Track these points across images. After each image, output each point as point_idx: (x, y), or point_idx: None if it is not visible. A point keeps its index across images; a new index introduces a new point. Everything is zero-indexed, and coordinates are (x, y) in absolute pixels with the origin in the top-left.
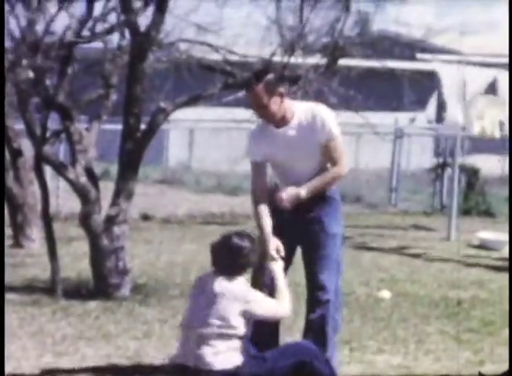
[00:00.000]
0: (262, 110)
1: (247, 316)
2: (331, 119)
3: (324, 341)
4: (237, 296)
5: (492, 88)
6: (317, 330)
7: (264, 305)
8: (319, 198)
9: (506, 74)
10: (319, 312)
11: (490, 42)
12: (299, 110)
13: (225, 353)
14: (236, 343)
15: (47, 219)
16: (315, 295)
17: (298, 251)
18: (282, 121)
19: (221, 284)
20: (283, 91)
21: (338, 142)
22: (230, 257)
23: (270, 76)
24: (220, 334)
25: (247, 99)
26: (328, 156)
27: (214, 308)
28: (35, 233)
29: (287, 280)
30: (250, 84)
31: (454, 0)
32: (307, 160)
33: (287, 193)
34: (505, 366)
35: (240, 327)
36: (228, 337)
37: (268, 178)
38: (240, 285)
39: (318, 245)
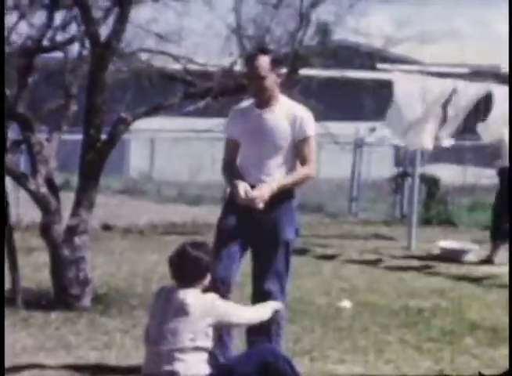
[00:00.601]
0: (258, 81)
1: (220, 326)
2: (309, 120)
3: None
4: (208, 311)
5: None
6: (260, 331)
7: (237, 314)
8: (278, 200)
9: (463, 85)
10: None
11: (450, 51)
12: (283, 102)
13: (196, 365)
14: (205, 355)
15: (7, 230)
16: (259, 299)
17: None
18: (266, 102)
19: (187, 298)
20: (281, 74)
21: (311, 144)
22: (189, 268)
23: (274, 54)
24: (192, 347)
25: (207, 109)
26: (300, 155)
27: (184, 322)
28: None
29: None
30: (255, 54)
31: (414, 10)
32: (273, 151)
33: (261, 193)
34: None
35: (210, 339)
36: (199, 349)
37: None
38: (208, 298)
39: (269, 249)
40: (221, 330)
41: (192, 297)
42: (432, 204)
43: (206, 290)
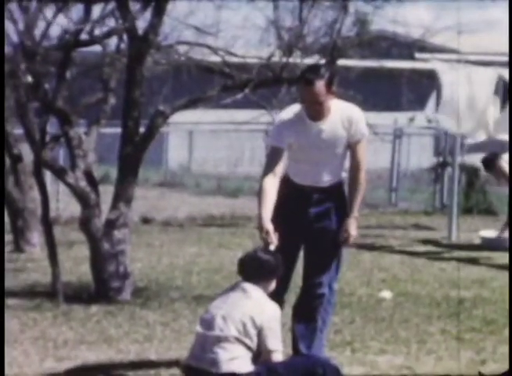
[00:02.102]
0: (317, 106)
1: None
2: (363, 121)
3: (313, 332)
4: (261, 313)
5: (497, 88)
6: (307, 319)
7: (277, 340)
8: (330, 194)
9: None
10: (312, 304)
11: (488, 41)
12: (334, 107)
13: (239, 360)
14: (249, 353)
15: (47, 224)
16: (310, 289)
17: None
18: (322, 116)
19: (251, 290)
20: (334, 90)
21: (364, 144)
22: (259, 270)
23: (328, 72)
24: (237, 338)
25: (245, 101)
26: (355, 157)
27: (237, 309)
28: (36, 238)
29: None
30: (311, 80)
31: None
32: (331, 158)
33: (353, 228)
34: (507, 365)
35: (254, 343)
36: (244, 344)
37: (282, 167)
38: (269, 304)
39: (321, 241)
40: None
41: (256, 292)
42: (472, 193)
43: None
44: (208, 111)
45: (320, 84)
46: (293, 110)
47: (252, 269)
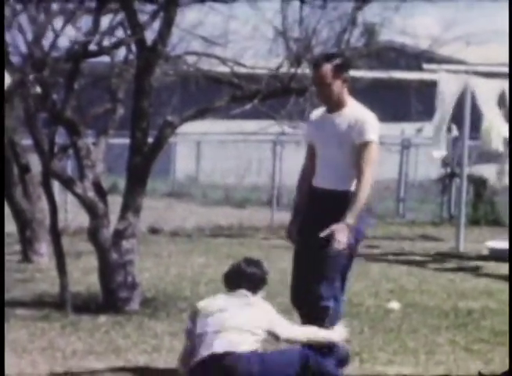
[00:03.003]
0: (323, 88)
1: (271, 335)
2: (370, 124)
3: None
4: (261, 312)
5: (501, 100)
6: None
7: (284, 325)
8: (340, 201)
9: None
10: (317, 316)
11: (494, 52)
12: (351, 105)
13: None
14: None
15: (56, 234)
16: (314, 302)
17: None
18: (335, 107)
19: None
20: (347, 78)
21: (370, 150)
22: (245, 283)
23: (339, 60)
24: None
25: (253, 112)
26: (357, 162)
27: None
28: (44, 248)
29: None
30: (319, 62)
31: (459, 11)
32: (342, 154)
33: (342, 235)
34: None
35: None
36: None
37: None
38: (262, 303)
39: (320, 251)
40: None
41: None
42: (480, 204)
43: None
44: (216, 121)
45: (326, 67)
46: (323, 107)
47: (237, 282)
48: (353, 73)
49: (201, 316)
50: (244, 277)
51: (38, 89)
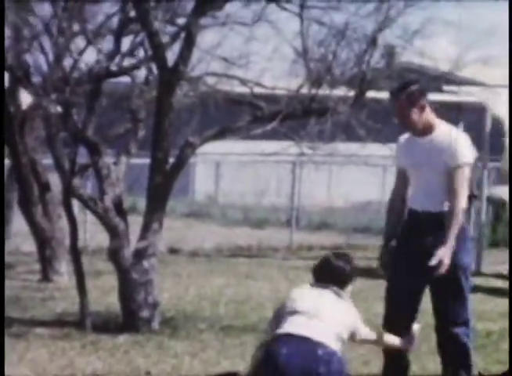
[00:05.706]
0: (404, 120)
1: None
2: (464, 147)
3: (469, 365)
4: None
5: None
6: (459, 360)
7: (365, 329)
8: (440, 222)
9: None
10: (457, 344)
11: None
12: (439, 126)
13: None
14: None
15: (76, 253)
16: (449, 329)
17: None
18: (423, 132)
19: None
20: (425, 103)
21: (463, 174)
22: (333, 277)
23: (413, 88)
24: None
25: (273, 132)
26: (449, 185)
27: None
28: (63, 267)
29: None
30: (395, 94)
31: (477, 33)
32: (435, 178)
33: (446, 257)
34: None
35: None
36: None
37: (406, 189)
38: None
39: (449, 278)
40: None
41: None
42: (499, 226)
43: None
44: (236, 142)
45: (401, 100)
46: (409, 132)
47: (326, 277)
48: (375, 94)
49: (292, 300)
50: (334, 272)
51: (59, 109)
